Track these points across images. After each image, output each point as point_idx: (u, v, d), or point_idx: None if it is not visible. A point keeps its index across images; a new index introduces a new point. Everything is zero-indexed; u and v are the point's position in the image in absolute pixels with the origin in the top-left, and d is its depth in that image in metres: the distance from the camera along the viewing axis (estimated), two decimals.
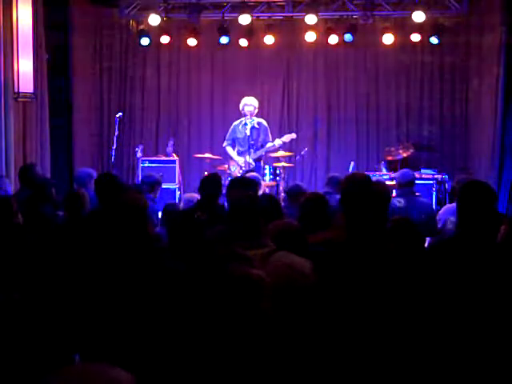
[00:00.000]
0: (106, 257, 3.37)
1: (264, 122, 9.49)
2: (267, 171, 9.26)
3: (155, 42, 10.72)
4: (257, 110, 9.43)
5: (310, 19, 9.95)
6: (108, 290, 3.10)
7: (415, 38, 10.28)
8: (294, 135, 9.56)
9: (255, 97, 9.65)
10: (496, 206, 4.63)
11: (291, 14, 10.50)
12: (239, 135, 9.39)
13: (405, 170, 7.04)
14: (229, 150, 9.52)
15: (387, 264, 3.30)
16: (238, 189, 5.07)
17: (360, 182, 3.82)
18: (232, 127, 9.52)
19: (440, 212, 6.53)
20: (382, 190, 4.76)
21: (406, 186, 6.43)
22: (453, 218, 5.75)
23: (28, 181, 6.33)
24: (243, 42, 10.57)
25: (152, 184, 6.72)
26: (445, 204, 8.55)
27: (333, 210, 4.28)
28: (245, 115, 9.37)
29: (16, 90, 8.48)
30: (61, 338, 2.88)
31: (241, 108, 9.42)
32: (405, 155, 10.06)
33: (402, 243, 3.85)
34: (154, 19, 10.21)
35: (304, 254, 3.18)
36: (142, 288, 3.09)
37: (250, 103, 9.36)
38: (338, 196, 4.53)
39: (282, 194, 9.06)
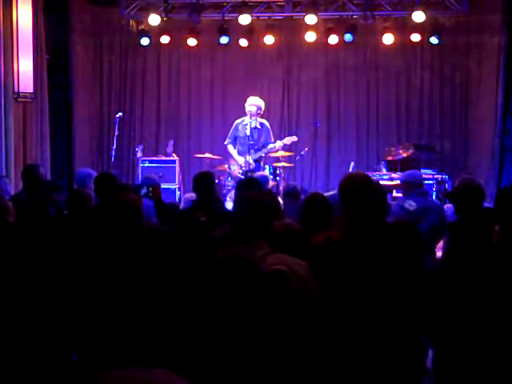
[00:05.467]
0: (102, 254, 3.38)
1: (266, 123, 9.47)
2: (267, 171, 9.25)
3: (155, 42, 10.72)
4: (261, 111, 9.39)
5: (310, 19, 9.95)
6: (102, 287, 3.10)
7: (415, 37, 10.28)
8: (295, 138, 9.53)
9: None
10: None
11: (291, 14, 10.50)
12: (240, 134, 9.38)
13: (412, 170, 6.85)
14: (230, 148, 9.50)
15: (387, 264, 3.30)
16: (248, 189, 5.08)
17: (360, 182, 3.82)
18: (234, 125, 9.51)
19: None
20: (379, 189, 4.76)
21: (416, 187, 6.24)
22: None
23: (31, 182, 6.33)
24: (243, 42, 10.57)
25: (151, 185, 6.72)
26: (445, 204, 8.54)
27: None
28: (247, 114, 9.37)
29: (16, 90, 8.49)
30: (58, 336, 2.88)
31: (246, 107, 9.41)
32: (405, 155, 10.05)
33: (402, 245, 3.85)
34: (154, 19, 10.20)
35: (304, 255, 3.18)
36: (134, 285, 3.09)
37: (252, 103, 9.32)
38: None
39: None
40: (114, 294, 3.08)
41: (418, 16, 9.76)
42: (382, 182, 8.54)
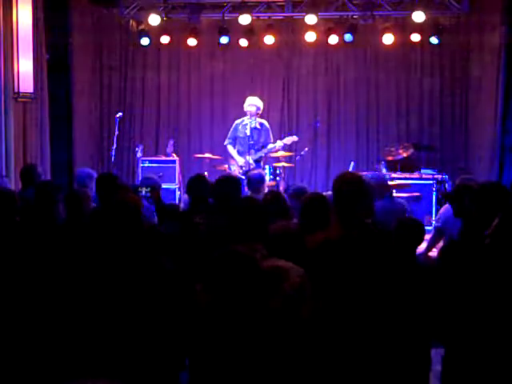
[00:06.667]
0: (102, 254, 3.38)
1: (266, 123, 9.46)
2: (267, 171, 9.24)
3: (155, 42, 10.73)
4: (260, 111, 9.39)
5: (310, 19, 9.95)
6: (102, 288, 3.10)
7: (415, 37, 10.28)
8: (295, 138, 9.52)
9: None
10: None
11: (291, 14, 10.51)
12: (240, 134, 9.37)
13: (374, 173, 7.01)
14: (230, 148, 9.49)
15: (385, 262, 3.30)
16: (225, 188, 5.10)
17: (353, 182, 3.83)
18: (234, 125, 9.50)
19: (440, 211, 6.51)
20: (369, 189, 4.75)
21: (386, 190, 6.26)
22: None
23: (30, 181, 6.33)
24: (243, 42, 10.57)
25: (150, 186, 6.72)
26: (445, 204, 8.52)
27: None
28: (246, 114, 9.37)
29: (16, 90, 8.48)
30: (59, 340, 2.88)
31: (245, 107, 9.40)
32: (405, 155, 10.05)
33: (408, 243, 3.87)
34: (154, 19, 10.21)
35: (301, 257, 3.18)
36: (134, 287, 3.09)
37: (252, 103, 9.31)
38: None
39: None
40: (114, 293, 3.08)
41: (418, 16, 9.76)
42: None
